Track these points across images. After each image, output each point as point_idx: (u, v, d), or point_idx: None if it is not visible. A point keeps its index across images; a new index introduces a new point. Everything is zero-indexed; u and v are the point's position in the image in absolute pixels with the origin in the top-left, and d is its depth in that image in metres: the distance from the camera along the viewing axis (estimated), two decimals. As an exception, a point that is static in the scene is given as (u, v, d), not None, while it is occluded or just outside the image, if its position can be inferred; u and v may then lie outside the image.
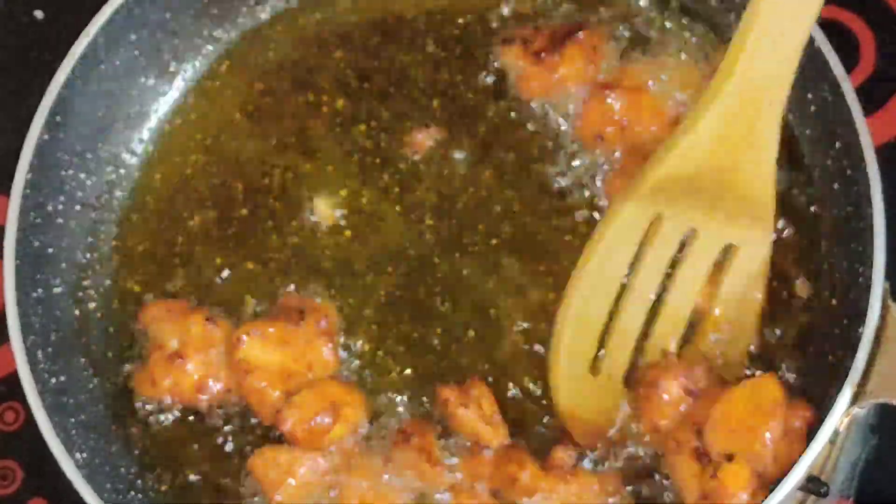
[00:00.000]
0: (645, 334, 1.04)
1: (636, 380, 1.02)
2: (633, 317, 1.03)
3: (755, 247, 1.03)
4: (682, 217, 1.03)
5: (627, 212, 1.03)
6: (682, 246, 1.04)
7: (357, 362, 1.06)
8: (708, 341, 1.03)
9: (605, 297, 1.04)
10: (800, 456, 0.93)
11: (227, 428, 1.05)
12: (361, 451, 1.01)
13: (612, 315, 1.04)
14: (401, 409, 1.04)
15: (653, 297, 1.04)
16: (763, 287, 1.04)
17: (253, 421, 1.05)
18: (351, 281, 1.09)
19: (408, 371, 1.06)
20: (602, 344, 1.04)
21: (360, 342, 1.07)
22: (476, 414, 1.00)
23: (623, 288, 1.04)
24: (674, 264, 1.04)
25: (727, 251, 1.03)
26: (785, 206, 1.07)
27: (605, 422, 1.01)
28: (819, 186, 1.06)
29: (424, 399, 1.04)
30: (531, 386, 1.05)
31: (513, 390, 1.04)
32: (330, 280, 1.09)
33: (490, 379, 1.04)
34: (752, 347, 1.03)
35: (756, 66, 0.98)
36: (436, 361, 1.06)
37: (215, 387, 1.04)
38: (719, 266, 1.03)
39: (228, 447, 1.05)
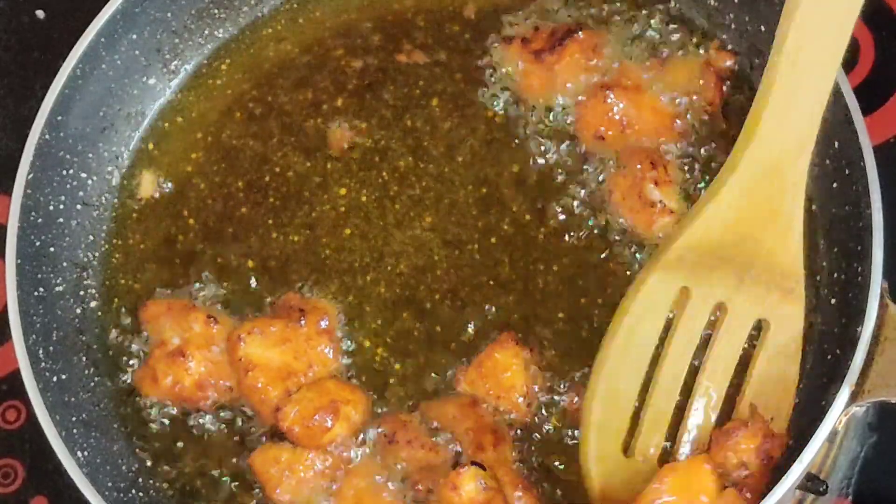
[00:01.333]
0: (679, 417, 1.01)
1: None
2: (667, 395, 1.01)
3: (787, 321, 1.00)
4: (711, 291, 1.00)
5: (652, 283, 1.01)
6: (713, 322, 1.02)
7: (357, 360, 1.06)
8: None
9: (635, 372, 1.01)
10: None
11: (227, 426, 1.05)
12: (360, 449, 1.02)
13: (644, 393, 1.01)
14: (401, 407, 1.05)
15: (684, 374, 1.01)
16: (797, 363, 1.01)
17: (253, 418, 1.05)
18: (351, 279, 1.09)
19: (408, 369, 1.06)
20: (634, 423, 1.01)
21: (360, 340, 1.07)
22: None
23: (653, 364, 1.01)
24: (706, 343, 1.01)
25: (760, 328, 1.01)
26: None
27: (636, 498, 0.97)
28: (818, 185, 1.06)
29: (423, 395, 1.04)
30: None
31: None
32: (330, 278, 1.09)
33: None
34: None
35: (777, 132, 0.98)
36: (436, 359, 1.06)
37: (216, 385, 1.04)
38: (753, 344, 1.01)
39: (229, 445, 1.05)
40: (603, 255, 1.08)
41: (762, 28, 1.09)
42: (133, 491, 1.04)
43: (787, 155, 0.99)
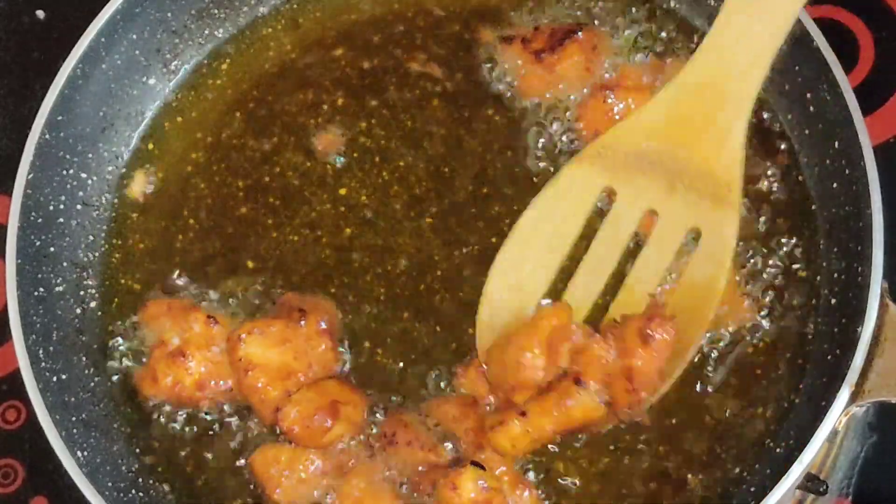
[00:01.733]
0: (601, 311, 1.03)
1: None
2: (585, 290, 1.03)
3: (719, 228, 1.02)
4: (639, 194, 1.03)
5: (566, 174, 1.04)
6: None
7: (357, 360, 1.06)
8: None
9: (545, 260, 1.04)
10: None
11: (227, 426, 1.05)
12: (360, 450, 1.02)
13: (561, 284, 1.04)
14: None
15: (608, 273, 1.03)
16: (727, 274, 1.02)
17: (252, 418, 1.05)
18: (351, 279, 1.09)
19: (408, 368, 1.06)
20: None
21: (360, 340, 1.07)
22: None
23: (567, 253, 1.04)
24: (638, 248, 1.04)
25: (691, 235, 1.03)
26: (784, 205, 1.07)
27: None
28: (818, 186, 1.06)
29: (423, 394, 1.04)
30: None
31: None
32: (330, 277, 1.09)
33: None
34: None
35: (725, 49, 1.01)
36: (436, 359, 1.06)
37: (216, 385, 1.04)
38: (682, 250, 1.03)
39: (229, 445, 1.05)
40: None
41: (762, 28, 1.09)
42: (133, 491, 1.04)
43: (732, 71, 1.02)
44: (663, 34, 1.13)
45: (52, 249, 1.09)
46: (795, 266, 1.06)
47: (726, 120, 1.02)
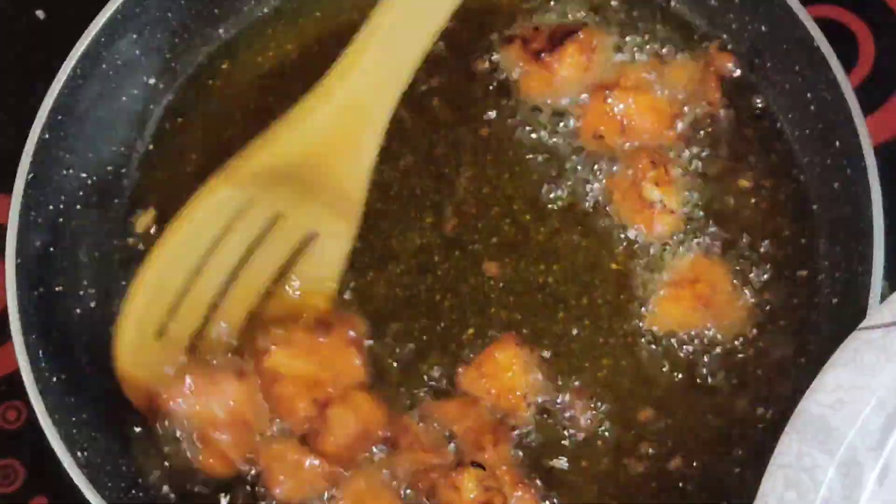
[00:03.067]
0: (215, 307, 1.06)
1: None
2: (208, 288, 1.05)
3: (336, 238, 1.07)
4: (271, 203, 1.06)
5: (220, 195, 1.06)
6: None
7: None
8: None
9: (183, 270, 1.05)
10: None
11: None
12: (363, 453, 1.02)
13: (188, 286, 1.05)
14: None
15: (229, 269, 1.06)
16: (338, 277, 1.07)
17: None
18: (351, 278, 1.09)
19: (408, 369, 1.06)
20: (172, 312, 1.05)
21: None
22: None
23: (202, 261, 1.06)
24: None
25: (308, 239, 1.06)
26: (784, 205, 1.07)
27: (159, 382, 1.02)
28: (818, 186, 1.06)
29: (423, 395, 1.04)
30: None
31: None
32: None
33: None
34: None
35: (368, 78, 1.06)
36: (436, 359, 1.06)
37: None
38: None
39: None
40: (603, 255, 1.08)
41: (762, 28, 1.09)
42: (133, 491, 1.04)
43: (374, 96, 1.07)
44: (663, 34, 1.13)
45: (52, 249, 1.09)
46: (795, 266, 1.06)
47: (366, 140, 1.08)
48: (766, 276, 1.06)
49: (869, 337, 0.90)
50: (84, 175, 1.12)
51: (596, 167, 1.09)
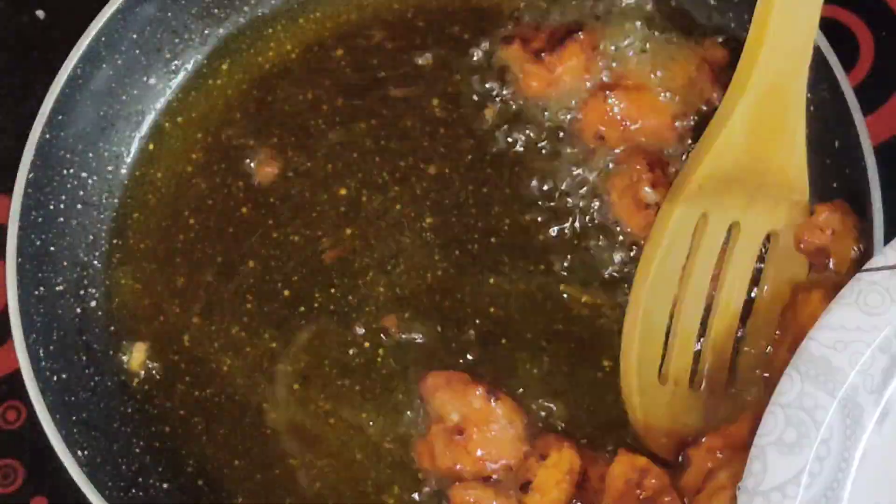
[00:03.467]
0: (701, 335, 1.04)
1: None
2: (692, 318, 1.03)
3: (793, 229, 1.03)
4: (725, 214, 1.03)
5: (678, 216, 1.03)
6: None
7: (357, 360, 1.06)
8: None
9: (665, 303, 1.03)
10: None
11: (228, 428, 1.06)
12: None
13: (672, 320, 1.03)
14: (405, 410, 1.05)
15: (705, 296, 1.03)
16: (805, 264, 1.03)
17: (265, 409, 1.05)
18: (351, 279, 1.09)
19: (408, 368, 1.06)
20: (665, 351, 1.03)
21: (359, 340, 1.07)
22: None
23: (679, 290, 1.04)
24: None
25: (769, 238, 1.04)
26: (784, 205, 1.07)
27: (681, 429, 1.01)
28: (818, 185, 1.06)
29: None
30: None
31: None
32: (330, 278, 1.09)
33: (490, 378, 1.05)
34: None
35: (776, 55, 1.01)
36: (436, 359, 1.06)
37: (495, 464, 1.02)
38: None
39: (228, 442, 1.06)
40: (603, 255, 1.08)
41: (762, 28, 1.09)
42: (133, 491, 1.04)
43: (786, 75, 1.02)
44: (663, 34, 1.13)
45: (52, 249, 1.09)
46: (796, 266, 1.06)
47: (791, 122, 1.02)
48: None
49: (873, 278, 0.91)
50: (84, 175, 1.12)
51: (596, 167, 1.09)
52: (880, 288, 0.90)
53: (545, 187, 1.10)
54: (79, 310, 1.10)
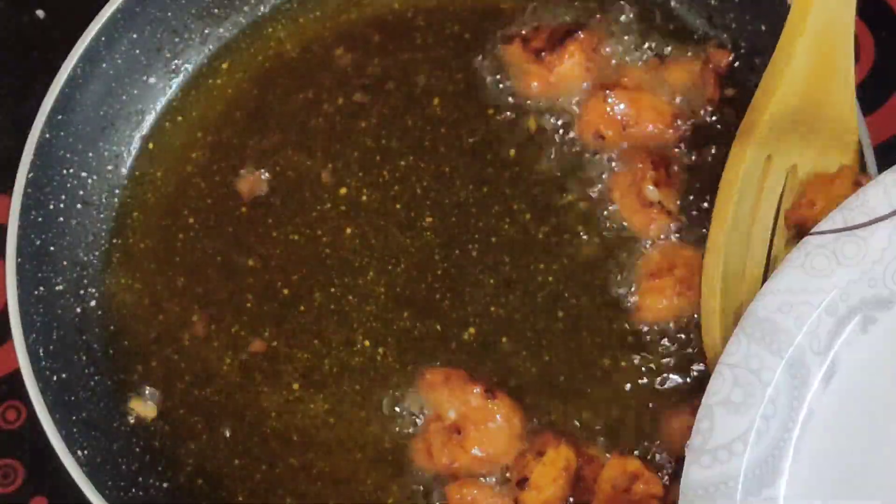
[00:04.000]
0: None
1: None
2: (758, 264, 1.02)
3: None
4: (786, 156, 1.03)
5: (751, 157, 1.03)
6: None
7: (358, 360, 1.06)
8: None
9: (743, 248, 1.03)
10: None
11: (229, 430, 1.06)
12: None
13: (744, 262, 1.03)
14: (404, 409, 1.05)
15: (769, 240, 1.03)
16: None
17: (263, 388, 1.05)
18: (351, 279, 1.09)
19: (408, 367, 1.06)
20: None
21: (360, 340, 1.07)
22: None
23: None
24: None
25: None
26: (784, 204, 1.07)
27: None
28: (818, 185, 1.06)
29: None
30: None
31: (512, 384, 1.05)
32: (330, 278, 1.09)
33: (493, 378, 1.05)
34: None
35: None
36: (436, 360, 1.06)
37: (493, 463, 1.02)
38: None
39: (227, 442, 1.06)
40: (603, 255, 1.08)
41: (763, 28, 1.09)
42: (133, 491, 1.04)
43: (837, 13, 1.01)
44: (663, 34, 1.13)
45: (52, 249, 1.09)
46: (796, 265, 1.06)
47: (842, 61, 1.02)
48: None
49: (820, 242, 0.92)
50: (84, 175, 1.12)
51: (596, 167, 1.09)
52: (827, 251, 0.92)
53: (546, 187, 1.10)
54: (79, 310, 1.10)
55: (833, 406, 0.91)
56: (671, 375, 1.04)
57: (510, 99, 1.13)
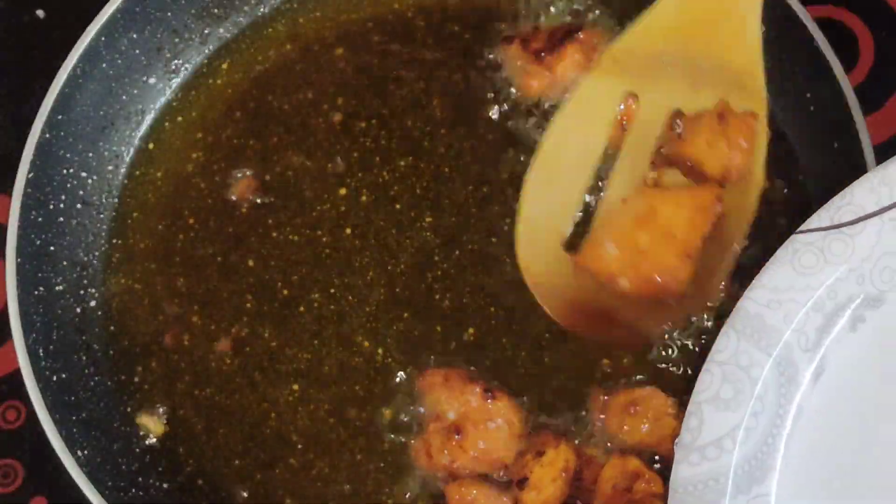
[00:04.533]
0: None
1: None
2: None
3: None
4: (662, 97, 1.03)
5: (587, 86, 1.04)
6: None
7: (357, 360, 1.06)
8: None
9: (575, 172, 1.04)
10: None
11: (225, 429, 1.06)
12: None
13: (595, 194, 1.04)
14: (404, 410, 1.05)
15: (639, 177, 1.04)
16: (762, 165, 1.03)
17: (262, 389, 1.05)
18: (351, 278, 1.09)
19: (408, 367, 1.06)
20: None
21: (359, 340, 1.07)
22: None
23: (596, 164, 1.05)
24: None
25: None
26: (783, 205, 1.07)
27: (575, 293, 1.02)
28: (818, 186, 1.06)
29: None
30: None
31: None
32: (330, 278, 1.09)
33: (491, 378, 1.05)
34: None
35: None
36: (436, 360, 1.06)
37: (493, 463, 1.02)
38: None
39: (227, 442, 1.06)
40: (603, 255, 1.08)
41: (762, 28, 1.09)
42: (133, 491, 1.04)
43: None
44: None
45: (52, 249, 1.09)
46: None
47: (740, 11, 1.02)
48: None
49: (808, 239, 0.93)
50: (84, 175, 1.12)
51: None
52: (815, 249, 0.92)
53: (545, 187, 1.10)
54: (79, 310, 1.10)
55: (822, 404, 0.91)
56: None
57: (510, 99, 1.13)
